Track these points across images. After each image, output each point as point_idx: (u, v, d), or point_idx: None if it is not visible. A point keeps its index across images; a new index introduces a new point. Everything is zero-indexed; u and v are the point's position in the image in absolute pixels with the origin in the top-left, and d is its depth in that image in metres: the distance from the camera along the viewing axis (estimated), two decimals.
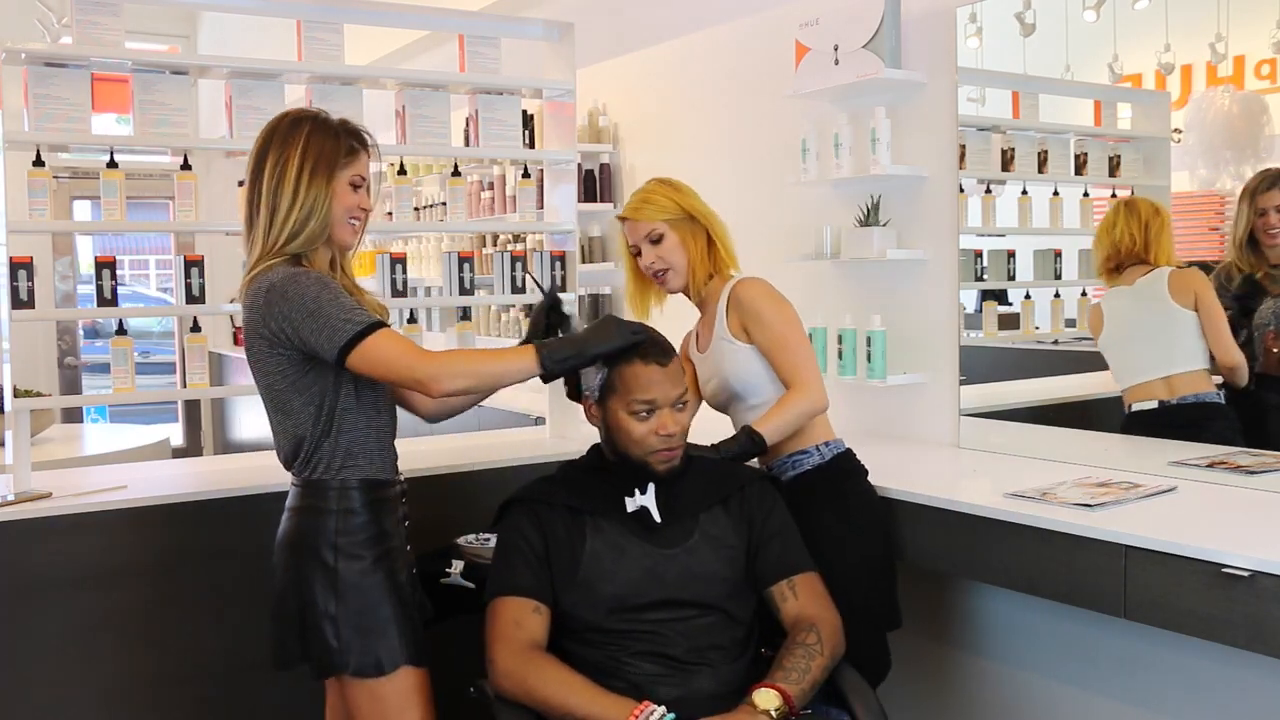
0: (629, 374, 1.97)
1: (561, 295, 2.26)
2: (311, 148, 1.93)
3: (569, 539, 1.96)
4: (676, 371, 2.00)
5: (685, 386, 2.02)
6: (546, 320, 2.18)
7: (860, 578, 2.23)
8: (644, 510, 1.97)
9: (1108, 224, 2.72)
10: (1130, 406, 2.67)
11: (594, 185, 4.26)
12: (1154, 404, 2.63)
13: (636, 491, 1.99)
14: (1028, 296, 3.00)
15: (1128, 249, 2.67)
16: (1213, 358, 2.54)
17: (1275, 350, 2.46)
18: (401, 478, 2.09)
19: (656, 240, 2.35)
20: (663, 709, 1.75)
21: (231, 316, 6.45)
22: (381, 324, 1.88)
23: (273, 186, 1.92)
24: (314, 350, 1.87)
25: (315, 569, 1.95)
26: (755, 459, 2.29)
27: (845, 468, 2.35)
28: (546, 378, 1.95)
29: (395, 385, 1.99)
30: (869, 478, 2.38)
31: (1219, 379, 2.55)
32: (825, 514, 2.25)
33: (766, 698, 1.79)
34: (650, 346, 1.98)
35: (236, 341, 7.34)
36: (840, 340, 3.03)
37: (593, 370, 2.01)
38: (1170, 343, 2.64)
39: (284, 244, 1.92)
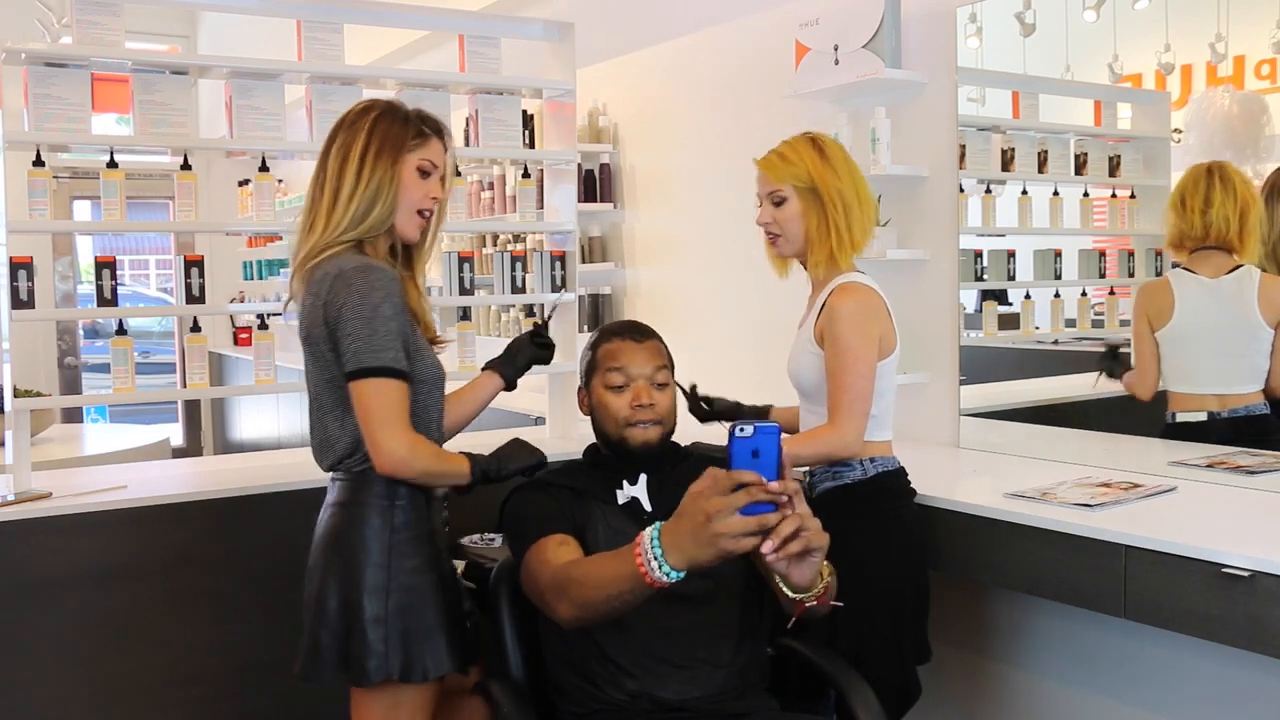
0: (604, 349, 2.01)
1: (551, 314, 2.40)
2: (378, 130, 1.90)
3: (577, 514, 1.94)
4: (654, 349, 2.01)
5: (663, 364, 2.01)
6: (533, 343, 2.29)
7: (884, 605, 2.15)
8: (635, 501, 1.97)
9: (1199, 197, 2.43)
10: (1174, 415, 2.56)
11: (594, 185, 4.27)
12: (1203, 416, 2.51)
13: (625, 483, 1.98)
14: (1028, 296, 3.00)
15: (1220, 234, 2.41)
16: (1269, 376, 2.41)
17: None
18: None
19: (778, 203, 2.22)
20: (657, 523, 1.49)
21: (231, 317, 6.48)
22: (399, 374, 1.84)
23: (337, 169, 1.89)
24: (339, 349, 1.84)
25: (364, 566, 1.88)
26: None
27: (887, 487, 2.24)
28: (469, 487, 1.98)
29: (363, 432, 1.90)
30: (915, 500, 2.29)
31: None
32: (854, 532, 2.12)
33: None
34: (627, 327, 2.04)
35: (236, 341, 7.35)
36: None
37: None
38: (1240, 359, 2.46)
39: (346, 229, 1.89)
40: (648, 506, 1.96)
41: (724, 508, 1.33)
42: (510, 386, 2.29)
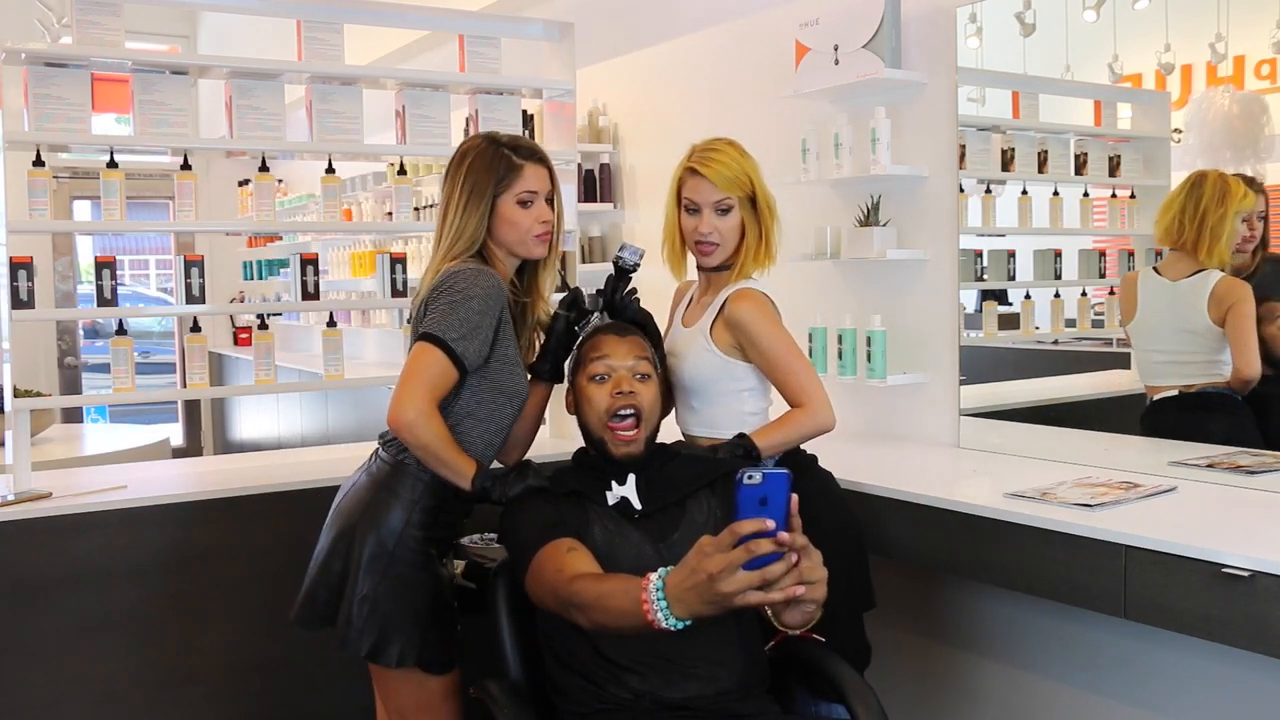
0: (589, 345, 2.04)
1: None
2: (469, 179, 2.08)
3: (576, 518, 1.94)
4: (637, 343, 2.03)
5: (647, 356, 2.02)
6: (567, 318, 2.18)
7: (831, 563, 2.18)
8: (624, 501, 1.96)
9: (1168, 202, 2.54)
10: (1151, 398, 2.64)
11: (594, 185, 4.27)
12: (1174, 392, 2.59)
13: (614, 484, 1.97)
14: (1028, 296, 3.00)
15: (1174, 238, 2.53)
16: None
17: None
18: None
19: (725, 211, 2.23)
20: (662, 570, 1.51)
21: (231, 317, 6.48)
22: (455, 356, 1.96)
23: (442, 209, 2.12)
24: (426, 317, 1.99)
25: (372, 547, 2.00)
26: None
27: (791, 469, 2.28)
28: (469, 495, 2.00)
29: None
30: (820, 463, 2.33)
31: None
32: None
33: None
34: (612, 325, 2.08)
35: (236, 341, 7.37)
36: (840, 340, 3.02)
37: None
38: (1192, 355, 2.56)
39: (448, 254, 2.08)
40: (638, 505, 1.96)
41: (726, 567, 1.34)
42: (553, 379, 2.22)
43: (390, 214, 3.11)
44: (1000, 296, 3.03)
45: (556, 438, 3.22)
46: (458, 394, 2.02)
